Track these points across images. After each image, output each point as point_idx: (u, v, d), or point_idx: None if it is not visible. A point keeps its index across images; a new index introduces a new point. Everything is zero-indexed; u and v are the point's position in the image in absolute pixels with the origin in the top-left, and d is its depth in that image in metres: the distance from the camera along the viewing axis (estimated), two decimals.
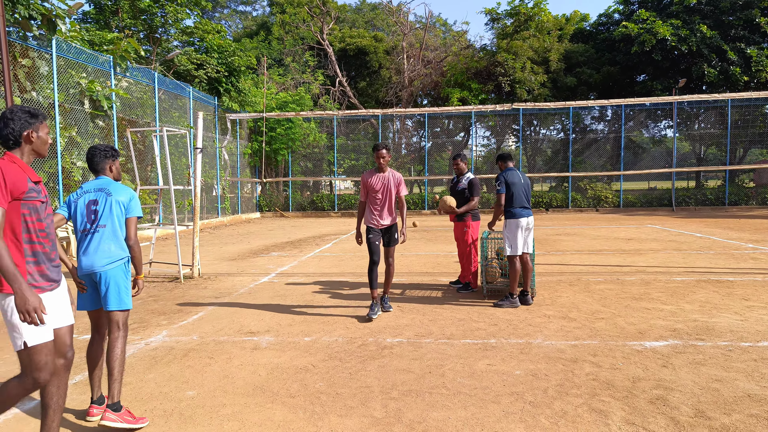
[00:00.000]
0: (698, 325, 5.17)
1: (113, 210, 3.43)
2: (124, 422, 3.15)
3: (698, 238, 12.03)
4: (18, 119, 2.68)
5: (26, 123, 2.70)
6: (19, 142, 2.70)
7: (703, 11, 22.82)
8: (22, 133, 2.69)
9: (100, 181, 3.53)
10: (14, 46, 9.90)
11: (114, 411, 3.17)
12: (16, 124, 2.67)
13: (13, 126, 2.67)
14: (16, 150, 2.70)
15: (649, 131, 24.78)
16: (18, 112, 2.69)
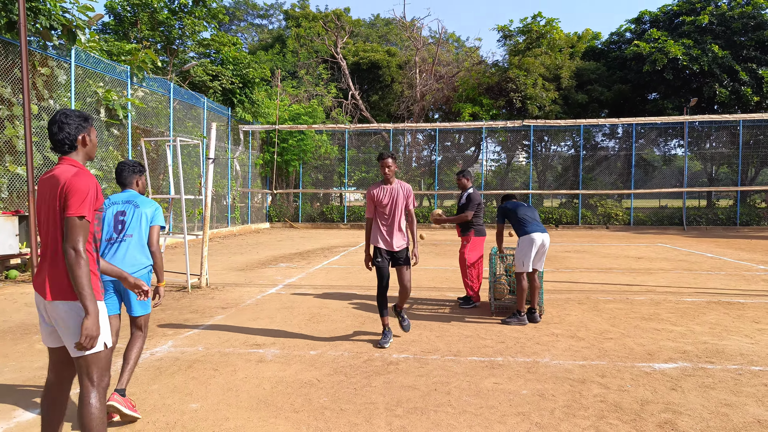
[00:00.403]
0: (708, 347, 5.11)
1: (141, 221, 3.68)
2: (125, 407, 3.41)
3: (709, 259, 11.91)
4: (72, 123, 2.65)
5: (80, 126, 2.68)
6: (75, 146, 2.68)
7: (715, 31, 22.81)
8: (77, 136, 2.68)
9: (128, 194, 3.80)
10: (34, 55, 10.10)
11: (121, 395, 3.46)
12: (71, 128, 2.65)
13: (68, 130, 2.64)
14: (72, 154, 2.68)
15: (660, 149, 24.68)
16: (72, 115, 2.66)
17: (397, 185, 5.40)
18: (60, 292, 2.52)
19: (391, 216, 5.35)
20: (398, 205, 5.36)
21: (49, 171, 2.63)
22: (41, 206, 2.60)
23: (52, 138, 2.65)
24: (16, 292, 8.06)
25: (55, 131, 2.63)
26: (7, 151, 9.68)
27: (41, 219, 2.61)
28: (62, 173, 2.55)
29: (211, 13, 19.52)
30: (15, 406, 3.74)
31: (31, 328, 5.86)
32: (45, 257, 2.58)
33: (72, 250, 2.46)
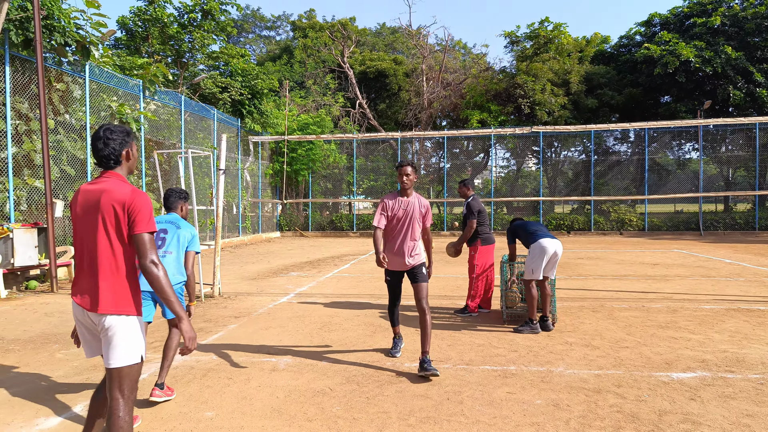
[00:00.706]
0: (728, 356, 5.02)
1: (180, 241, 4.12)
2: (165, 396, 3.99)
3: (727, 264, 11.74)
4: (117, 138, 2.68)
5: (124, 141, 2.71)
6: (120, 161, 2.71)
7: (728, 33, 22.61)
8: (122, 151, 2.71)
9: (171, 216, 4.28)
10: (50, 71, 10.28)
11: (160, 389, 3.98)
12: (116, 143, 2.68)
13: (113, 146, 2.67)
14: (117, 169, 2.72)
15: (674, 153, 24.42)
16: (116, 131, 2.69)
17: (415, 199, 4.92)
18: (110, 305, 2.56)
19: (403, 233, 4.87)
20: (413, 221, 4.86)
21: (94, 183, 2.65)
22: (83, 217, 2.62)
23: (97, 154, 2.67)
24: (36, 302, 8.16)
25: (101, 147, 2.66)
26: (26, 165, 9.84)
27: (82, 229, 2.62)
28: (117, 189, 2.59)
29: (220, 26, 19.77)
30: (37, 413, 3.77)
31: (51, 338, 5.91)
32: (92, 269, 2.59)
33: (152, 265, 2.55)
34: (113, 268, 2.58)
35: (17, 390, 4.29)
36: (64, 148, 10.49)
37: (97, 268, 2.57)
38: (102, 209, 2.57)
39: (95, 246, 2.58)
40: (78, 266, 2.66)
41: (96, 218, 2.58)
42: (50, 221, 9.10)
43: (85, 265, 2.62)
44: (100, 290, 2.56)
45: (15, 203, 9.53)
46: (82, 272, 2.63)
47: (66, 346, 5.60)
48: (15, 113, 9.60)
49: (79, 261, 2.66)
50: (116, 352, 2.57)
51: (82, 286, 2.61)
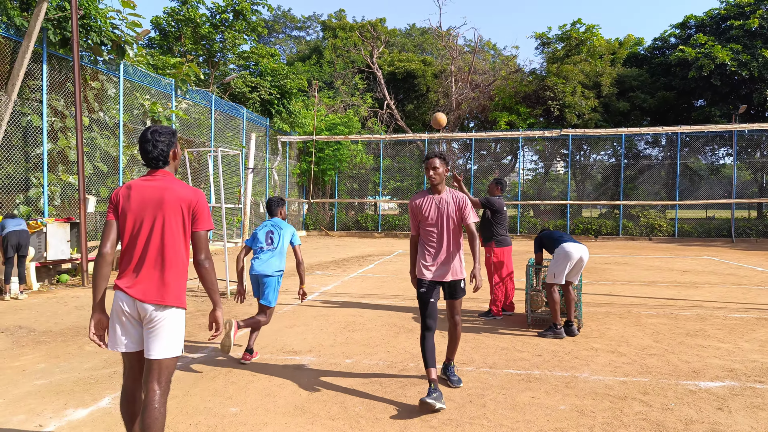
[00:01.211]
0: (757, 366, 4.90)
1: (282, 240, 5.14)
2: (252, 358, 5.04)
3: (759, 273, 11.41)
4: (165, 139, 2.81)
5: (171, 142, 2.84)
6: (168, 161, 2.85)
7: (766, 35, 21.95)
8: (169, 152, 2.84)
9: (274, 220, 5.30)
10: (86, 70, 10.59)
11: (250, 354, 5.04)
12: (164, 144, 2.81)
13: (162, 147, 2.80)
14: (167, 168, 2.85)
15: (706, 158, 23.81)
16: (163, 132, 2.82)
17: (448, 195, 4.23)
18: (175, 297, 2.73)
19: (441, 235, 4.20)
20: (450, 221, 4.19)
21: (150, 180, 2.78)
22: (140, 211, 2.72)
23: (146, 155, 2.79)
24: (67, 295, 8.42)
25: (150, 149, 2.78)
26: (60, 161, 10.16)
27: (138, 223, 2.73)
28: (181, 188, 2.77)
29: (251, 26, 20.05)
30: (66, 404, 3.91)
31: (82, 331, 6.10)
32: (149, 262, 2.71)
33: (207, 260, 2.79)
34: (179, 262, 2.76)
35: (47, 381, 4.45)
36: (97, 145, 10.80)
37: (163, 262, 2.71)
38: (167, 206, 2.72)
39: (161, 240, 2.71)
40: (130, 259, 2.73)
41: (159, 214, 2.71)
42: (83, 216, 9.37)
43: (145, 258, 2.71)
44: (167, 282, 2.70)
45: (49, 198, 9.84)
46: (140, 264, 2.71)
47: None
48: (51, 110, 9.92)
49: (131, 253, 2.73)
50: (163, 343, 2.69)
51: (141, 277, 2.70)
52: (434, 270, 4.19)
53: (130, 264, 2.73)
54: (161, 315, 2.69)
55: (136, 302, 2.69)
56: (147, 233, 2.71)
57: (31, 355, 5.14)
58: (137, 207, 2.73)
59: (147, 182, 2.77)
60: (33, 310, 7.27)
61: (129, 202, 2.73)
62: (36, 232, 8.98)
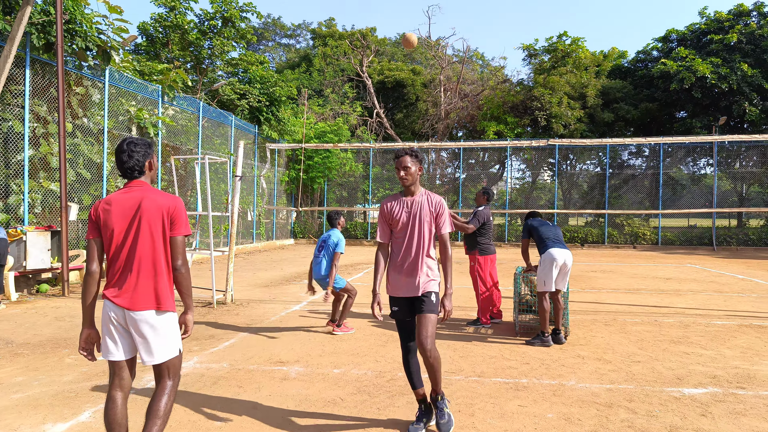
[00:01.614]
0: (739, 372, 4.97)
1: (330, 248, 6.27)
2: (341, 331, 6.47)
3: (740, 280, 11.59)
4: (140, 150, 2.91)
5: (146, 153, 2.94)
6: (143, 171, 2.94)
7: (744, 50, 22.49)
8: (145, 162, 2.94)
9: (331, 231, 6.45)
10: (70, 75, 10.49)
11: (337, 326, 6.48)
12: (139, 155, 2.90)
13: (137, 158, 2.90)
14: (142, 178, 2.95)
15: (688, 168, 24.23)
16: (139, 143, 2.92)
17: (423, 197, 3.72)
18: (167, 302, 2.84)
19: (411, 242, 3.69)
20: (422, 225, 3.67)
21: (128, 192, 2.86)
22: (121, 222, 2.80)
23: (122, 165, 2.89)
24: (47, 305, 8.28)
25: (125, 159, 2.88)
26: (42, 168, 10.02)
27: (123, 234, 2.80)
28: (159, 196, 2.87)
29: (240, 33, 20.04)
30: (44, 419, 3.83)
31: (61, 343, 6.00)
32: (135, 270, 2.79)
33: (185, 265, 2.91)
34: (165, 268, 2.86)
35: (25, 395, 4.35)
36: (80, 152, 10.68)
37: (149, 269, 2.81)
38: (148, 214, 2.81)
39: (144, 248, 2.81)
40: (116, 269, 2.81)
41: (141, 223, 2.80)
42: (64, 225, 9.22)
43: (131, 267, 2.79)
44: (155, 289, 2.81)
45: (29, 206, 9.68)
46: (126, 274, 2.79)
47: (76, 351, 5.60)
48: (33, 116, 9.80)
49: (117, 264, 2.80)
50: (163, 347, 2.83)
51: (128, 286, 2.78)
52: (405, 282, 3.68)
53: (117, 274, 2.80)
54: (155, 320, 2.79)
55: (125, 311, 2.76)
56: (131, 243, 2.79)
57: (8, 368, 5.03)
58: (118, 219, 2.80)
59: (125, 194, 2.85)
60: (11, 321, 7.13)
61: (110, 216, 2.80)
62: (15, 240, 8.80)
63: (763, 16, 23.71)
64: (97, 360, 2.90)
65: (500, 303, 7.30)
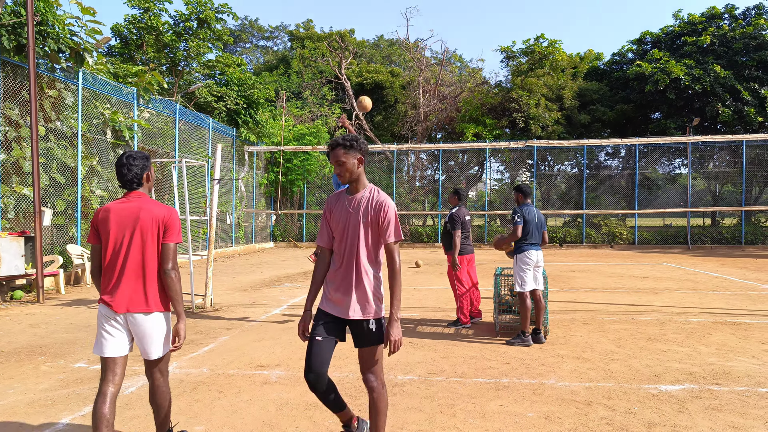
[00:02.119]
0: (715, 368, 5.07)
1: None
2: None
3: (714, 278, 11.85)
4: (138, 163, 3.13)
5: (144, 166, 3.15)
6: (141, 182, 3.17)
7: (717, 52, 23.03)
8: (143, 174, 3.16)
9: None
10: (42, 78, 10.27)
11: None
12: (137, 168, 3.12)
13: (136, 171, 3.12)
14: (141, 189, 3.18)
15: (663, 168, 24.73)
16: (137, 157, 3.15)
17: (366, 195, 3.10)
18: (157, 303, 3.07)
19: (343, 249, 3.09)
20: (357, 229, 3.04)
21: (126, 202, 3.09)
22: (119, 230, 3.04)
23: (122, 178, 3.12)
24: (21, 312, 8.08)
25: (125, 172, 3.11)
26: (14, 172, 9.78)
27: (119, 241, 3.03)
28: (154, 207, 3.09)
29: (216, 34, 19.83)
30: (19, 429, 3.73)
31: (37, 350, 5.86)
32: (131, 275, 3.02)
33: (175, 271, 3.10)
34: (157, 274, 3.08)
35: (0, 403, 4.24)
36: (54, 156, 10.45)
37: (143, 274, 3.04)
38: (143, 224, 3.04)
39: (140, 255, 3.03)
40: (112, 274, 3.04)
41: (137, 231, 3.03)
42: (38, 230, 9.02)
43: (125, 272, 3.02)
44: (148, 292, 3.04)
45: (2, 211, 9.44)
46: (121, 278, 3.02)
47: (52, 359, 5.55)
48: (5, 119, 9.56)
49: (113, 269, 3.03)
50: (156, 344, 3.09)
51: (123, 290, 3.01)
52: (337, 298, 3.09)
53: (113, 279, 3.03)
54: (148, 320, 3.04)
55: (126, 315, 3.02)
56: (126, 249, 3.02)
57: None
58: (116, 227, 3.04)
59: (124, 204, 3.08)
60: None
61: (108, 224, 3.04)
62: None
63: (735, 18, 24.35)
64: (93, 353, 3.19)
65: (479, 303, 7.33)
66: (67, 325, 7.14)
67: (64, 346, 5.99)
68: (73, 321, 7.41)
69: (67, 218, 10.89)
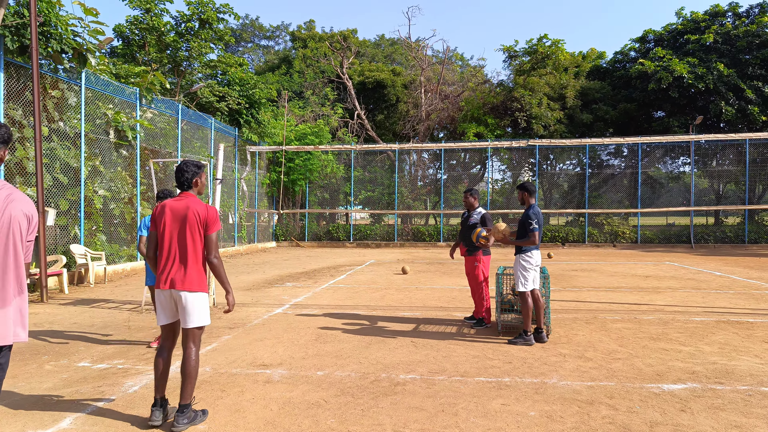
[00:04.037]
0: (717, 367, 5.06)
1: None
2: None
3: (718, 277, 11.82)
4: (191, 170, 3.84)
5: (195, 172, 3.86)
6: (191, 185, 3.87)
7: (720, 50, 22.96)
8: (193, 179, 3.86)
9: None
10: (45, 78, 10.30)
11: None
12: (189, 173, 3.84)
13: (188, 176, 3.84)
14: (191, 190, 3.87)
15: (666, 167, 24.66)
16: (190, 164, 3.86)
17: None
18: (196, 284, 3.74)
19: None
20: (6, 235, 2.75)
21: (179, 201, 3.78)
22: (172, 223, 3.74)
23: (178, 180, 3.85)
24: None
25: (180, 176, 3.84)
26: (18, 173, 9.82)
27: (172, 232, 3.74)
28: (196, 204, 3.77)
29: (218, 34, 19.84)
30: (24, 427, 3.75)
31: (41, 349, 5.88)
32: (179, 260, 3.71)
33: (217, 258, 3.82)
34: (199, 259, 3.76)
35: (4, 402, 4.27)
36: (57, 156, 10.48)
37: (188, 259, 3.71)
38: (190, 218, 3.71)
39: (185, 244, 3.71)
40: (165, 258, 3.73)
41: (185, 224, 3.71)
42: (42, 230, 9.04)
43: (176, 257, 3.71)
44: (191, 274, 3.71)
45: None
46: (172, 262, 3.71)
47: (55, 358, 5.57)
48: (8, 120, 9.59)
49: (166, 254, 3.73)
50: (194, 317, 3.75)
51: (172, 272, 3.70)
52: None
53: (162, 261, 3.75)
54: (190, 298, 3.72)
55: (172, 291, 3.72)
56: (177, 238, 3.72)
57: None
58: (170, 220, 3.74)
59: (177, 202, 3.79)
60: None
61: (164, 217, 3.75)
62: None
63: (738, 16, 24.28)
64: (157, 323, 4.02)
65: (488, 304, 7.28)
66: (70, 324, 7.17)
67: (68, 346, 6.02)
68: (76, 320, 7.44)
69: (70, 218, 10.92)
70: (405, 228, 24.01)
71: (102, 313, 8.03)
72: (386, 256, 17.90)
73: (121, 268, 12.38)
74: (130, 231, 13.02)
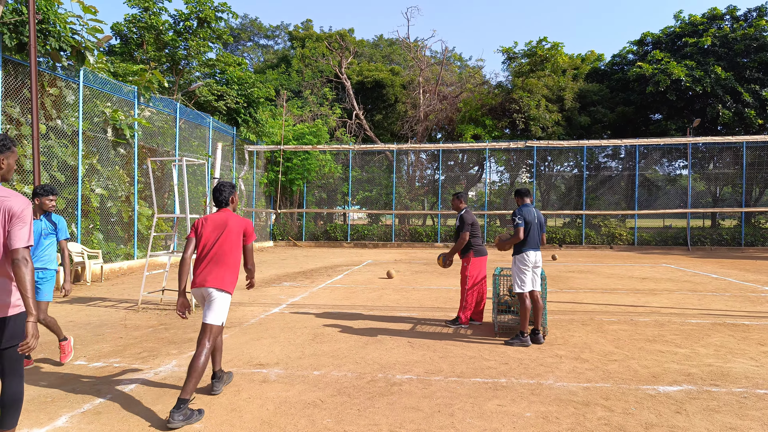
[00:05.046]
0: (713, 370, 5.08)
1: None
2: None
3: (714, 279, 11.86)
4: (227, 190, 4.48)
5: (230, 192, 4.51)
6: (228, 203, 4.50)
7: (717, 53, 23.03)
8: (229, 198, 4.50)
9: None
10: (43, 76, 10.28)
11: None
12: (226, 193, 4.48)
13: (225, 195, 4.48)
14: (228, 206, 4.49)
15: (663, 169, 24.73)
16: (227, 185, 4.50)
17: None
18: (225, 284, 4.19)
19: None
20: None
21: (219, 214, 4.36)
22: (213, 232, 4.27)
23: (216, 199, 4.48)
24: None
25: (218, 195, 4.47)
26: (15, 170, 9.78)
27: (211, 239, 4.25)
28: (234, 218, 4.35)
29: (216, 33, 19.83)
30: (20, 425, 3.73)
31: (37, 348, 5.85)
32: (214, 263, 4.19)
33: (254, 266, 4.60)
34: (232, 263, 4.25)
35: None
36: (54, 154, 10.45)
37: (221, 263, 4.20)
38: (228, 229, 4.27)
39: (223, 249, 4.22)
40: (201, 261, 4.22)
41: (223, 234, 4.25)
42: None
43: (211, 261, 4.19)
44: (222, 275, 4.18)
45: None
46: (207, 264, 4.19)
47: (51, 356, 5.56)
48: (6, 118, 9.57)
49: (204, 258, 4.22)
50: (213, 313, 4.15)
51: (206, 272, 4.17)
52: None
53: (202, 264, 4.23)
54: (215, 294, 4.15)
55: (203, 288, 4.15)
56: (215, 246, 4.23)
57: None
58: (209, 230, 4.29)
59: (217, 216, 4.36)
60: None
61: (205, 227, 4.30)
62: None
63: (736, 20, 24.36)
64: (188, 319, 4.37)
65: (483, 305, 7.29)
66: (66, 322, 7.15)
67: None
68: (72, 318, 7.42)
69: (67, 216, 10.89)
70: (402, 228, 24.02)
71: (98, 311, 8.02)
72: (383, 257, 17.90)
73: (117, 266, 12.36)
74: (127, 229, 13.00)
